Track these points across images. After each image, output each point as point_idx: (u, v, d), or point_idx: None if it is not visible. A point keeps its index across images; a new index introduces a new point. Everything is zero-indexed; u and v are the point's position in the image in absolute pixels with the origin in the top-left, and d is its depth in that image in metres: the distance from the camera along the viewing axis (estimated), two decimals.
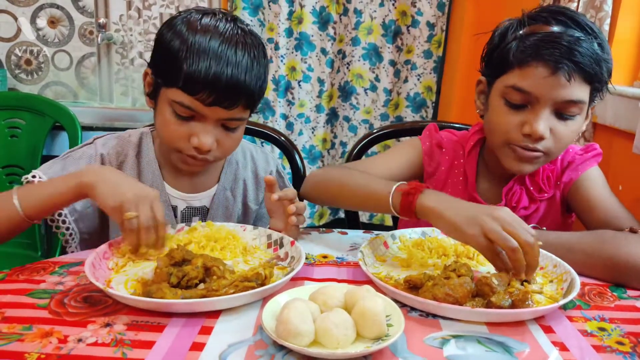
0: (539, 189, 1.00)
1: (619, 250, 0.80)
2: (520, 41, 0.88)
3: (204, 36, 0.84)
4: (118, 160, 0.96)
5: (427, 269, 0.83)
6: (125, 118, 2.17)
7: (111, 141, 0.97)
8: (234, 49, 0.85)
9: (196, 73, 0.82)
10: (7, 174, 1.76)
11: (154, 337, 0.60)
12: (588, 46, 0.84)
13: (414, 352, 0.59)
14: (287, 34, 2.24)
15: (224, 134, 0.90)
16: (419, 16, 2.23)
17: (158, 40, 0.88)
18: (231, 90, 0.84)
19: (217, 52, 0.83)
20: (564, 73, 0.84)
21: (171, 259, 0.74)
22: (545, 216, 1.02)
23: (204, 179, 1.02)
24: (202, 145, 0.87)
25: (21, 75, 2.27)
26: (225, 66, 0.83)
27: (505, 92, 0.91)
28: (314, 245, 0.93)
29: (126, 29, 2.28)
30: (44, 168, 0.91)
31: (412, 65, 2.29)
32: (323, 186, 1.00)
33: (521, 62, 0.87)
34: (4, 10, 2.21)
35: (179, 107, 0.86)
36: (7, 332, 0.59)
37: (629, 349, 0.62)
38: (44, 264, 0.78)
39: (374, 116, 2.35)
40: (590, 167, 1.00)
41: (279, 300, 0.65)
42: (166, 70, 0.86)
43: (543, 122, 0.87)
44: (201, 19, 0.86)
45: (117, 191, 0.76)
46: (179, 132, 0.87)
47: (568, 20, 0.87)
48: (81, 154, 0.94)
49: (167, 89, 0.86)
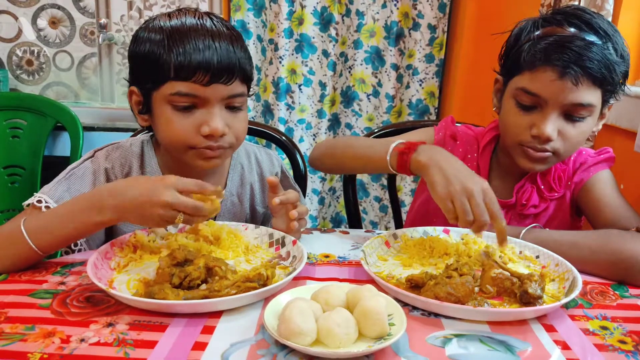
0: (549, 187, 1.01)
1: (624, 247, 0.81)
2: (532, 44, 0.89)
3: (177, 20, 0.84)
4: (123, 173, 0.93)
5: (428, 268, 0.83)
6: (127, 118, 2.16)
7: (113, 153, 0.94)
8: (211, 24, 0.85)
9: (186, 56, 0.81)
10: (9, 174, 1.76)
11: (157, 336, 0.60)
12: (598, 51, 0.84)
13: (416, 351, 0.59)
14: (287, 34, 2.20)
15: (230, 115, 0.87)
16: (420, 19, 2.18)
17: (133, 51, 0.87)
18: (224, 64, 0.83)
19: (199, 30, 0.83)
20: (571, 77, 0.84)
21: (173, 259, 0.74)
22: (554, 216, 1.03)
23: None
24: (214, 129, 0.84)
25: (22, 76, 2.27)
26: (211, 41, 0.82)
27: (516, 93, 0.92)
28: (316, 244, 0.93)
29: (127, 29, 2.28)
30: (49, 191, 0.85)
31: (413, 71, 2.23)
32: (330, 152, 1.07)
33: (531, 65, 0.88)
34: (5, 11, 2.21)
35: (178, 98, 0.83)
36: (9, 332, 0.59)
37: (631, 348, 0.62)
38: (46, 264, 0.78)
39: (376, 124, 2.30)
40: (602, 169, 1.01)
41: (281, 299, 0.65)
42: (154, 70, 0.83)
43: (550, 124, 0.88)
44: (167, 15, 0.87)
45: (139, 211, 0.72)
46: (186, 126, 0.85)
47: (582, 24, 0.87)
48: (84, 170, 0.90)
49: (160, 89, 0.84)
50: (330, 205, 2.44)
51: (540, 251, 0.86)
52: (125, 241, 0.82)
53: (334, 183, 2.39)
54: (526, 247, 0.88)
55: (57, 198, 0.85)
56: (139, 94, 0.88)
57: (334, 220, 2.48)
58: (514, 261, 0.87)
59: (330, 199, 2.42)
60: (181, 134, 0.85)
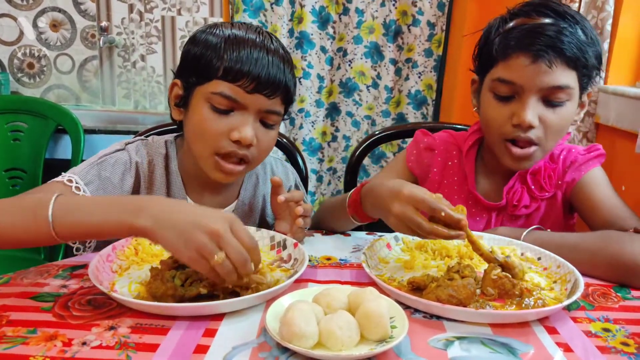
0: (540, 187, 1.00)
1: (624, 249, 0.80)
2: (503, 36, 0.91)
3: (238, 30, 0.86)
4: (149, 170, 0.93)
5: (430, 270, 0.83)
6: (128, 121, 2.17)
7: (143, 148, 0.94)
8: (270, 41, 0.87)
9: (238, 59, 0.82)
10: (10, 177, 1.76)
11: (158, 339, 0.60)
12: (570, 33, 0.86)
13: (418, 353, 0.59)
14: (289, 34, 2.32)
15: (262, 129, 0.88)
16: (420, 15, 2.30)
17: (188, 48, 0.88)
18: (272, 78, 0.84)
19: (256, 42, 0.85)
20: (544, 60, 0.85)
21: (174, 262, 0.74)
22: (546, 215, 1.02)
23: (225, 195, 1.00)
24: (244, 138, 0.84)
25: (23, 79, 2.28)
26: (265, 54, 0.84)
27: (493, 85, 0.93)
28: (317, 247, 0.93)
29: (128, 32, 2.28)
30: (80, 172, 0.84)
31: (413, 64, 2.36)
32: (318, 215, 1.07)
33: (504, 55, 0.90)
34: (6, 14, 2.21)
35: (218, 99, 0.84)
36: (11, 335, 0.59)
37: (634, 350, 0.62)
38: (47, 267, 0.79)
39: (376, 112, 2.44)
40: (593, 167, 1.00)
41: (283, 302, 0.65)
42: (203, 66, 0.84)
43: (530, 110, 0.88)
44: (230, 24, 0.89)
45: (185, 236, 0.63)
46: (219, 127, 0.85)
47: (550, 12, 0.89)
48: (116, 159, 0.89)
49: (203, 85, 0.85)
50: (330, 183, 2.55)
51: (541, 253, 0.86)
52: (127, 244, 0.82)
53: (334, 164, 2.51)
54: (528, 249, 0.88)
55: (87, 181, 0.84)
56: (181, 87, 0.89)
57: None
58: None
59: (330, 177, 2.54)
60: (210, 135, 0.85)
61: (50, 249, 1.72)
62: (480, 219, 1.04)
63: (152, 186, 0.94)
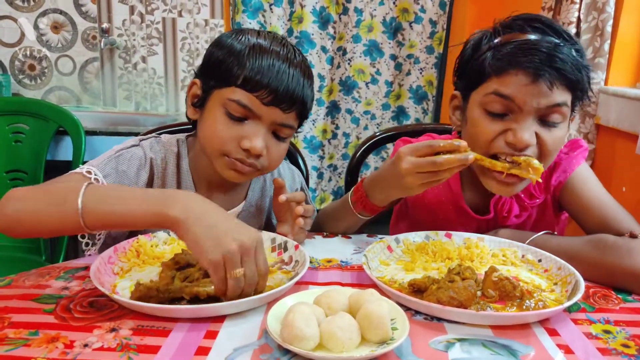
0: (529, 195, 0.98)
1: (622, 260, 0.79)
2: (495, 50, 0.84)
3: (265, 41, 0.86)
4: (162, 167, 0.93)
5: (431, 272, 0.83)
6: (129, 122, 2.17)
7: (156, 145, 0.94)
8: (293, 55, 0.86)
9: (259, 69, 0.82)
10: (11, 179, 1.76)
11: (160, 341, 0.60)
12: (568, 52, 0.81)
13: (419, 355, 0.59)
14: (288, 34, 2.36)
15: (273, 141, 0.88)
16: (422, 13, 2.35)
17: (212, 51, 0.88)
18: (290, 92, 0.84)
19: (279, 54, 0.84)
20: (545, 81, 0.80)
21: (176, 264, 0.74)
22: (538, 221, 1.01)
23: (233, 196, 1.00)
24: (254, 148, 0.84)
25: (25, 81, 2.28)
26: (287, 67, 0.84)
27: (485, 101, 0.86)
28: (318, 249, 0.93)
29: (129, 33, 2.28)
30: (99, 165, 0.84)
31: (414, 60, 2.41)
32: (318, 221, 1.06)
33: (499, 70, 0.83)
34: (7, 16, 2.22)
35: (234, 106, 0.84)
36: (13, 337, 0.60)
37: (634, 352, 0.62)
38: (49, 269, 0.79)
39: (375, 107, 2.49)
40: (578, 165, 0.97)
41: (284, 304, 0.65)
42: (224, 71, 0.84)
43: (527, 130, 0.83)
44: (256, 32, 0.89)
45: (216, 239, 0.64)
46: (230, 134, 0.85)
47: (545, 28, 0.84)
48: (132, 154, 0.89)
49: (222, 90, 0.85)
50: (330, 179, 2.57)
51: (542, 255, 0.86)
52: (128, 246, 0.82)
53: (334, 161, 2.54)
54: (528, 251, 0.88)
55: (105, 173, 0.84)
56: (200, 88, 0.89)
57: (335, 194, 2.61)
58: (516, 265, 0.87)
59: (330, 174, 2.57)
60: (221, 139, 0.85)
61: (52, 250, 1.72)
62: (471, 231, 0.98)
63: (164, 183, 0.94)
